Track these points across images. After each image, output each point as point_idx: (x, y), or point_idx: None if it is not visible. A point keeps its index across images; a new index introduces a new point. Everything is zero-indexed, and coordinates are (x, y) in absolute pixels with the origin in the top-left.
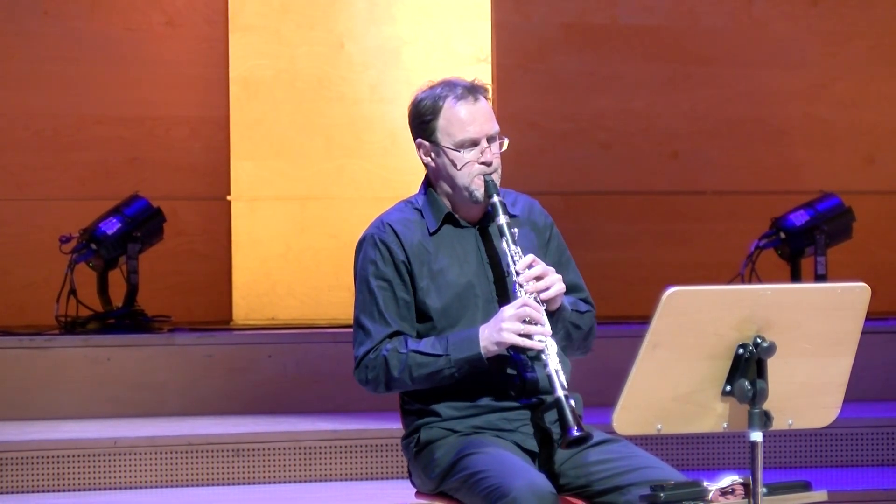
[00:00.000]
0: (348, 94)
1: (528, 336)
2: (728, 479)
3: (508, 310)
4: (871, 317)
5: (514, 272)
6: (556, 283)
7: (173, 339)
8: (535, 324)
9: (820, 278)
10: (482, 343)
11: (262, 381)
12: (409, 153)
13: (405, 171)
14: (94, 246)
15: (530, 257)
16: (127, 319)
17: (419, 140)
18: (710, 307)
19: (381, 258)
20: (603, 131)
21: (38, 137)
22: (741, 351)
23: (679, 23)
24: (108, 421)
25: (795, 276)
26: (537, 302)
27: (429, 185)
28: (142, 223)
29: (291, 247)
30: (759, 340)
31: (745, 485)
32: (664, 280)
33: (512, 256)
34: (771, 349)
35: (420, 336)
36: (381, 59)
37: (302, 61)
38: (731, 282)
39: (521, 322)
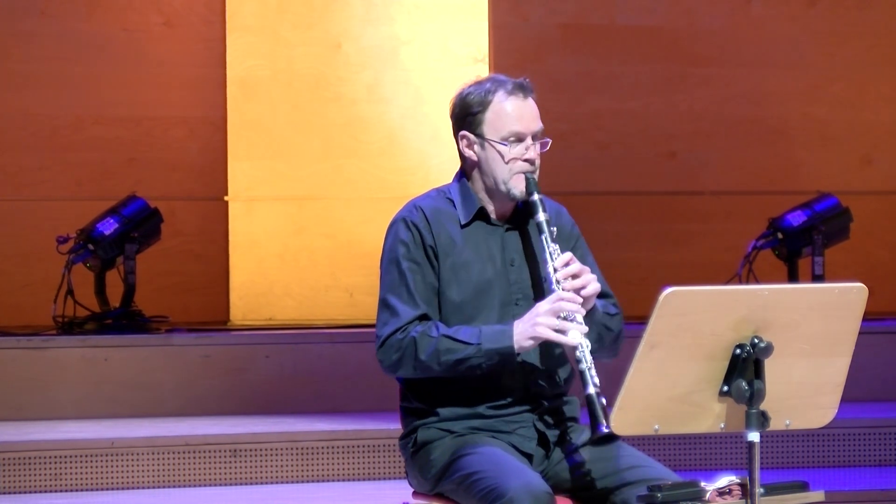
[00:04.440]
0: (345, 94)
1: (563, 332)
2: (725, 480)
3: (543, 305)
4: (868, 317)
5: (551, 268)
6: (591, 282)
7: (171, 340)
8: (571, 319)
9: (817, 278)
10: (515, 337)
11: (260, 382)
12: (406, 153)
13: (403, 172)
14: (91, 246)
15: (568, 255)
16: (124, 320)
17: (463, 132)
18: (708, 307)
19: (413, 240)
20: (600, 132)
21: (35, 138)
22: (738, 351)
23: (677, 23)
24: (105, 421)
25: (793, 277)
26: None
27: (463, 176)
28: (139, 223)
29: (289, 247)
30: (756, 341)
31: (742, 485)
32: (661, 280)
33: (550, 254)
34: (768, 349)
35: None
36: (379, 59)
37: (299, 62)
38: (728, 282)
39: (556, 318)
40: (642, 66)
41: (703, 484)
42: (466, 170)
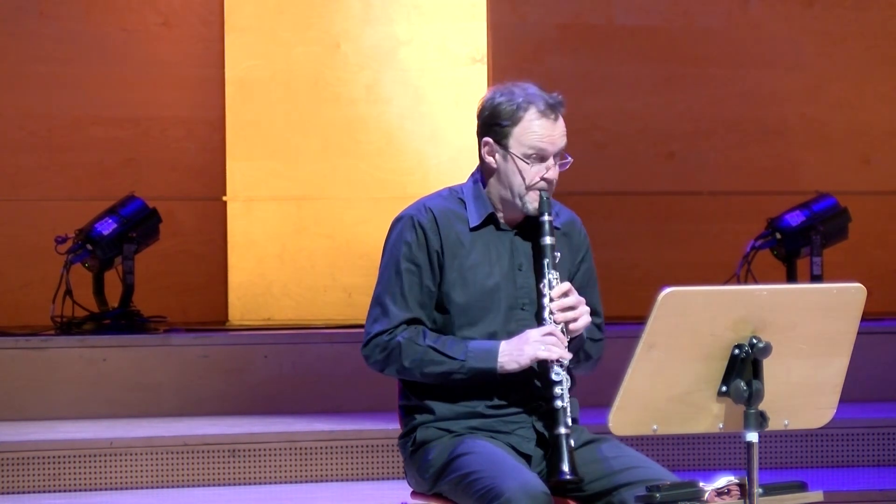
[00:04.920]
0: (344, 94)
1: (548, 365)
2: (724, 480)
3: (534, 334)
4: (866, 317)
5: (548, 296)
6: (583, 316)
7: (169, 340)
8: (558, 355)
9: (816, 279)
10: (500, 359)
11: (258, 382)
12: (405, 153)
13: (401, 172)
14: (89, 246)
15: (566, 286)
16: (123, 320)
17: (487, 139)
18: (706, 307)
19: (417, 241)
20: (598, 132)
21: (33, 138)
22: (737, 351)
23: (675, 23)
24: (103, 421)
25: (791, 277)
26: (563, 333)
27: (480, 178)
28: (137, 224)
29: (287, 247)
30: (754, 341)
31: (740, 485)
32: (660, 280)
33: (550, 281)
34: (767, 350)
35: (436, 328)
36: (377, 59)
37: (298, 62)
38: (726, 282)
39: (543, 350)
40: (640, 66)
41: (701, 484)
42: (484, 173)
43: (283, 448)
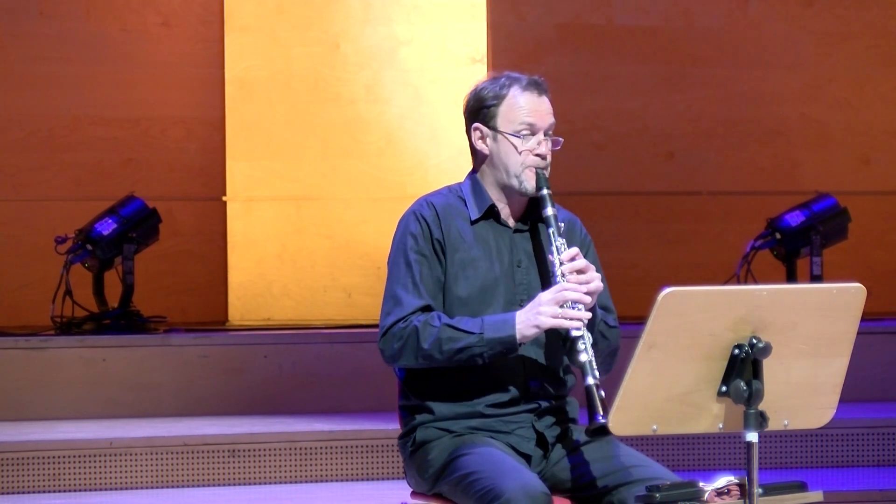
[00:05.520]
0: (344, 94)
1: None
2: (724, 480)
3: (546, 294)
4: (866, 317)
5: (557, 261)
6: (595, 280)
7: (169, 340)
8: (574, 309)
9: (815, 279)
10: (518, 327)
11: (258, 382)
12: (405, 153)
13: (400, 172)
14: (89, 246)
15: (574, 250)
16: (122, 320)
17: (476, 124)
18: (706, 308)
19: (422, 233)
20: (598, 132)
21: (33, 138)
22: (737, 351)
23: (674, 23)
24: (103, 421)
25: (791, 277)
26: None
27: (475, 173)
28: (137, 224)
29: (287, 247)
30: (754, 341)
31: (740, 485)
32: (660, 281)
33: (557, 247)
34: (766, 350)
35: None
36: (377, 59)
37: (297, 62)
38: (726, 282)
39: (559, 307)
40: (640, 66)
41: (701, 484)
42: (477, 165)
43: (282, 448)
